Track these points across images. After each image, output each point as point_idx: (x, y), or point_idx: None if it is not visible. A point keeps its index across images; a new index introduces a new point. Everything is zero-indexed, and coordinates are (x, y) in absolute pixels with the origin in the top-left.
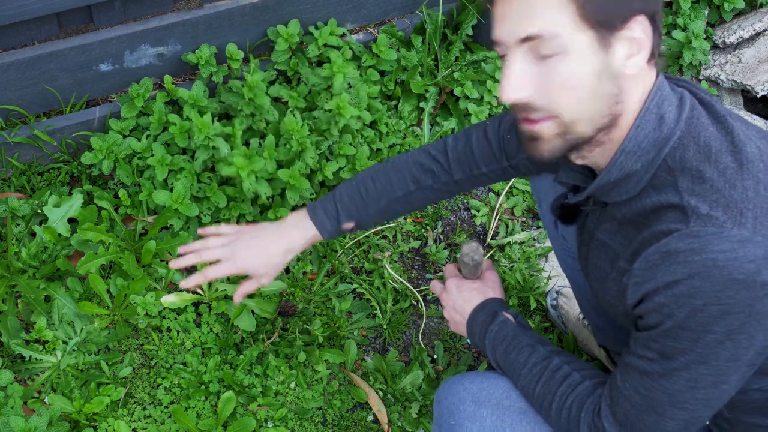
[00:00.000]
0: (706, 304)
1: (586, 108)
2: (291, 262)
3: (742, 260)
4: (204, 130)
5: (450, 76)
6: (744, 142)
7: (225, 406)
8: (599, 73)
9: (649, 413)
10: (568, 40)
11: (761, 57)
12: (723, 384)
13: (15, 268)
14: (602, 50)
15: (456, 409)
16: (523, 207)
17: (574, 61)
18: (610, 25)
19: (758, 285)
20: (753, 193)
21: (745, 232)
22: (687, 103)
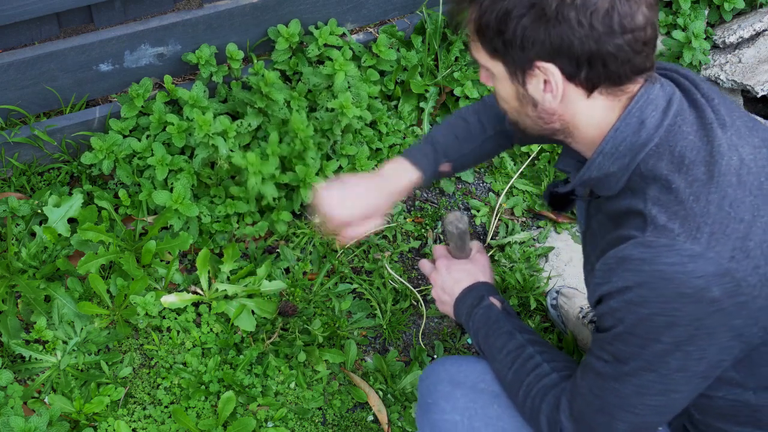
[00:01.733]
0: (652, 313)
1: (521, 118)
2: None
3: (690, 275)
4: (204, 128)
5: (450, 76)
6: (723, 153)
7: (225, 406)
8: (520, 98)
9: (601, 413)
10: (486, 65)
11: (761, 57)
12: (673, 393)
13: (15, 268)
14: (516, 80)
15: (434, 388)
16: (523, 207)
17: (497, 82)
18: (515, 64)
19: (706, 301)
20: (715, 208)
21: (697, 247)
22: (673, 108)
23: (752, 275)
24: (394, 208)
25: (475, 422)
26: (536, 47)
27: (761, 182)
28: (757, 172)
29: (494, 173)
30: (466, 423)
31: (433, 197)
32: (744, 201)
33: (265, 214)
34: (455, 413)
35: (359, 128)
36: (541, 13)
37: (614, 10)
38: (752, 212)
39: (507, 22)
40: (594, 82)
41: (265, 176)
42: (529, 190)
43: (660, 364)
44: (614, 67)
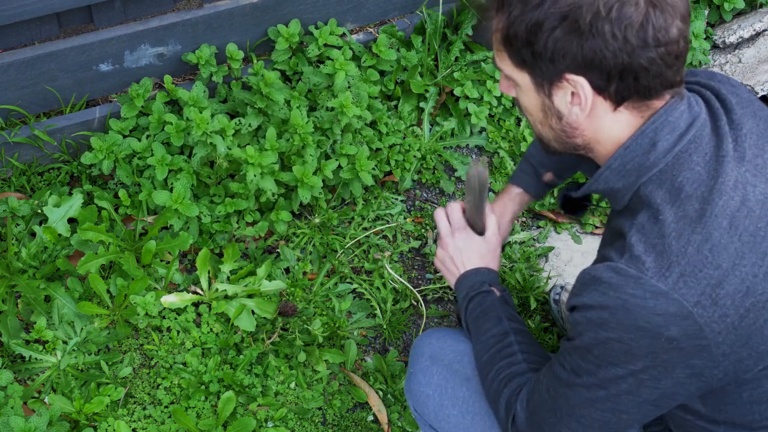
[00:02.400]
0: (609, 338)
1: (543, 131)
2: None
3: (650, 311)
4: (202, 126)
5: (450, 76)
6: (724, 192)
7: (225, 406)
8: (544, 110)
9: (550, 414)
10: (512, 76)
11: (761, 57)
12: (621, 413)
13: (15, 268)
14: (542, 93)
15: (417, 360)
16: None
17: (522, 93)
18: (542, 76)
19: (664, 338)
20: (694, 250)
21: (662, 286)
22: (690, 133)
23: (717, 323)
24: (394, 208)
25: (444, 399)
26: (567, 60)
27: (757, 228)
28: (760, 215)
29: (494, 173)
30: (436, 398)
31: (433, 197)
32: (728, 247)
33: (265, 214)
34: (429, 387)
35: (359, 128)
36: (574, 26)
37: (649, 23)
38: (733, 260)
39: (538, 33)
40: (623, 95)
41: (264, 170)
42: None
43: (611, 384)
44: (645, 80)
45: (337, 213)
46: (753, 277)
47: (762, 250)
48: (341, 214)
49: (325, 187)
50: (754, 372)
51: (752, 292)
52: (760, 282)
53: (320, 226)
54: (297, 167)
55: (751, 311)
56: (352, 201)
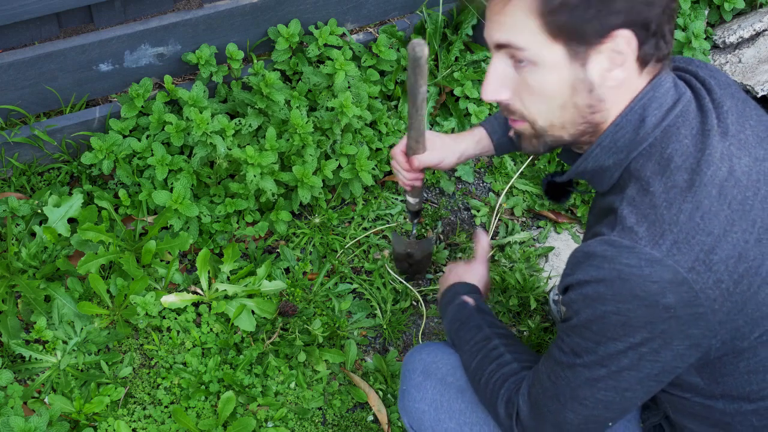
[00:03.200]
0: (607, 311)
1: (557, 116)
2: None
3: (646, 278)
4: (202, 126)
5: (450, 76)
6: (711, 163)
7: (225, 406)
8: (573, 86)
9: (553, 401)
10: (537, 54)
11: (761, 57)
12: (624, 391)
13: (15, 268)
14: (576, 64)
15: (409, 376)
16: (523, 207)
17: (544, 73)
18: (584, 40)
19: (661, 307)
20: (685, 218)
21: (656, 253)
22: (677, 108)
23: (712, 289)
24: (394, 208)
25: (440, 414)
26: (623, 13)
27: (745, 197)
28: (746, 185)
29: (494, 173)
30: (432, 414)
31: (433, 197)
32: (718, 214)
33: (265, 214)
34: (424, 403)
35: (359, 128)
36: None
37: None
38: (724, 226)
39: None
40: (650, 54)
41: (264, 170)
42: (529, 190)
43: (612, 361)
44: (668, 37)
45: (337, 213)
46: (744, 243)
47: (751, 218)
48: (341, 214)
49: (325, 187)
50: (750, 340)
51: (744, 257)
52: (751, 248)
53: (320, 226)
54: (297, 167)
55: (744, 277)
56: (352, 201)
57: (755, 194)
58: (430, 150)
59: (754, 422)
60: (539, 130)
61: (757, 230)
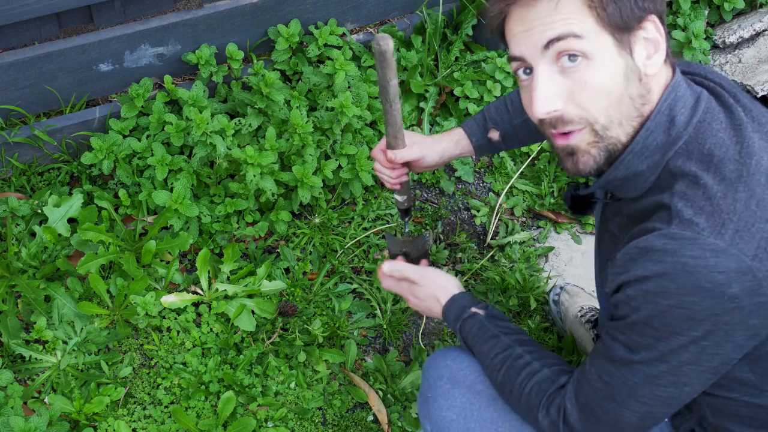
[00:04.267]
0: (670, 305)
1: (616, 111)
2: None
3: (711, 269)
4: (202, 126)
5: (450, 76)
6: (754, 153)
7: (225, 406)
8: (626, 75)
9: (608, 401)
10: (592, 46)
11: (761, 57)
12: (684, 385)
13: (15, 268)
14: (624, 52)
15: (434, 383)
16: (523, 207)
17: (600, 67)
18: (627, 27)
19: (726, 297)
20: (742, 206)
21: (720, 243)
22: (702, 105)
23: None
24: (394, 208)
25: (470, 423)
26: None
27: None
28: None
29: (494, 173)
30: (461, 423)
31: (433, 197)
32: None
33: (265, 214)
34: (452, 411)
35: (359, 128)
36: None
37: None
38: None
39: None
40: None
41: (264, 170)
42: (529, 190)
43: (673, 356)
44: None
45: (337, 213)
46: None
47: None
48: (341, 214)
49: (325, 187)
50: None
51: None
52: None
53: (320, 226)
54: (297, 167)
55: None
56: (352, 201)
57: None
58: (410, 146)
59: None
60: (600, 131)
61: None
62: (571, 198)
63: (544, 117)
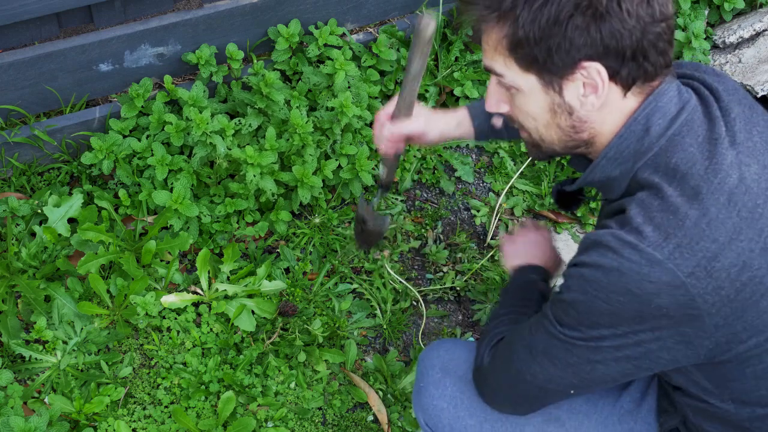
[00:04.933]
0: (597, 297)
1: (545, 134)
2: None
3: (644, 277)
4: (202, 126)
5: (450, 76)
6: (719, 170)
7: (225, 406)
8: (552, 110)
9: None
10: (514, 81)
11: (761, 57)
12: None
13: (15, 268)
14: (552, 91)
15: (426, 373)
16: (523, 207)
17: (526, 97)
18: (553, 71)
19: (653, 305)
20: (691, 224)
21: (658, 255)
22: (681, 117)
23: (711, 294)
24: (394, 208)
25: (460, 411)
26: (586, 47)
27: (755, 205)
28: (757, 193)
29: (494, 173)
30: (451, 410)
31: (433, 197)
32: (725, 222)
33: (265, 214)
34: (443, 400)
35: (359, 128)
36: (591, 11)
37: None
38: (731, 235)
39: (554, 27)
40: (633, 78)
41: (264, 170)
42: (529, 190)
43: (592, 339)
44: (653, 58)
45: (337, 213)
46: (750, 252)
47: (759, 226)
48: (341, 214)
49: (325, 187)
50: (748, 344)
51: (749, 266)
52: (756, 257)
53: (320, 226)
54: (297, 167)
55: (747, 285)
56: (352, 201)
57: (765, 202)
58: (415, 117)
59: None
60: (534, 141)
61: (764, 239)
62: (557, 193)
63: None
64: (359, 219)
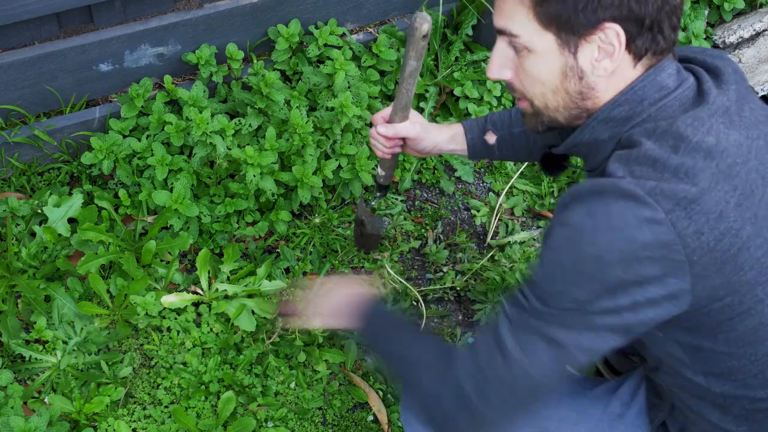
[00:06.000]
0: (583, 242)
1: (551, 100)
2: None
3: (624, 209)
4: (202, 126)
5: (450, 76)
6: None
7: (225, 406)
8: (564, 72)
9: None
10: (530, 41)
11: (761, 57)
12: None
13: (15, 268)
14: (567, 52)
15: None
16: (523, 207)
17: (538, 59)
18: (574, 30)
19: (638, 243)
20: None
21: (637, 190)
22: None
23: (692, 238)
24: (394, 208)
25: None
26: (613, 8)
27: (734, 162)
28: (735, 154)
29: (494, 173)
30: None
31: (433, 197)
32: (704, 171)
33: (265, 214)
34: None
35: (359, 128)
36: None
37: None
38: (708, 182)
39: None
40: (646, 48)
41: (264, 170)
42: (529, 190)
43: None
44: (666, 32)
45: (337, 213)
46: (725, 203)
47: (734, 183)
48: (341, 214)
49: (325, 187)
50: (723, 303)
51: (725, 217)
52: (732, 210)
53: (320, 226)
54: (297, 167)
55: (725, 235)
56: (352, 201)
57: (744, 163)
58: (411, 123)
59: (745, 405)
60: (536, 110)
61: (737, 196)
62: (543, 155)
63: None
64: (358, 221)
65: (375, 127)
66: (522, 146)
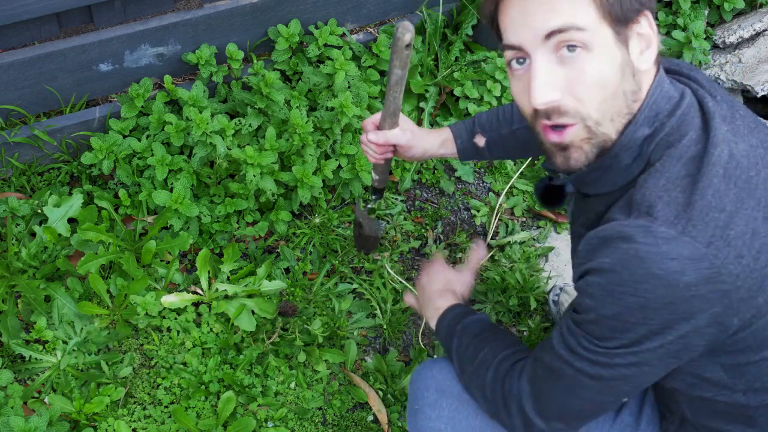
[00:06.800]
0: (625, 293)
1: (610, 106)
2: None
3: (663, 256)
4: (202, 126)
5: (450, 76)
6: (716, 144)
7: (225, 406)
8: (622, 69)
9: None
10: (592, 36)
11: (761, 57)
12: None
13: (15, 268)
14: (622, 46)
15: (421, 395)
16: (523, 207)
17: (598, 58)
18: (625, 20)
19: (681, 285)
20: (698, 197)
21: (672, 231)
22: (684, 103)
23: (734, 264)
24: (394, 209)
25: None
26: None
27: (749, 177)
28: (747, 167)
29: (494, 173)
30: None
31: (433, 197)
32: (728, 193)
33: (265, 214)
34: (440, 422)
35: (359, 128)
36: None
37: None
38: (735, 204)
39: None
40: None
41: (264, 170)
42: (529, 190)
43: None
44: None
45: (337, 213)
46: (755, 220)
47: (756, 196)
48: (341, 214)
49: (325, 187)
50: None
51: (758, 234)
52: (761, 225)
53: (320, 226)
54: (297, 167)
55: (762, 252)
56: (352, 201)
57: (757, 174)
58: (402, 131)
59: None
60: (593, 126)
61: (763, 208)
62: (544, 188)
63: (541, 107)
64: (357, 223)
65: (366, 134)
66: (512, 146)
